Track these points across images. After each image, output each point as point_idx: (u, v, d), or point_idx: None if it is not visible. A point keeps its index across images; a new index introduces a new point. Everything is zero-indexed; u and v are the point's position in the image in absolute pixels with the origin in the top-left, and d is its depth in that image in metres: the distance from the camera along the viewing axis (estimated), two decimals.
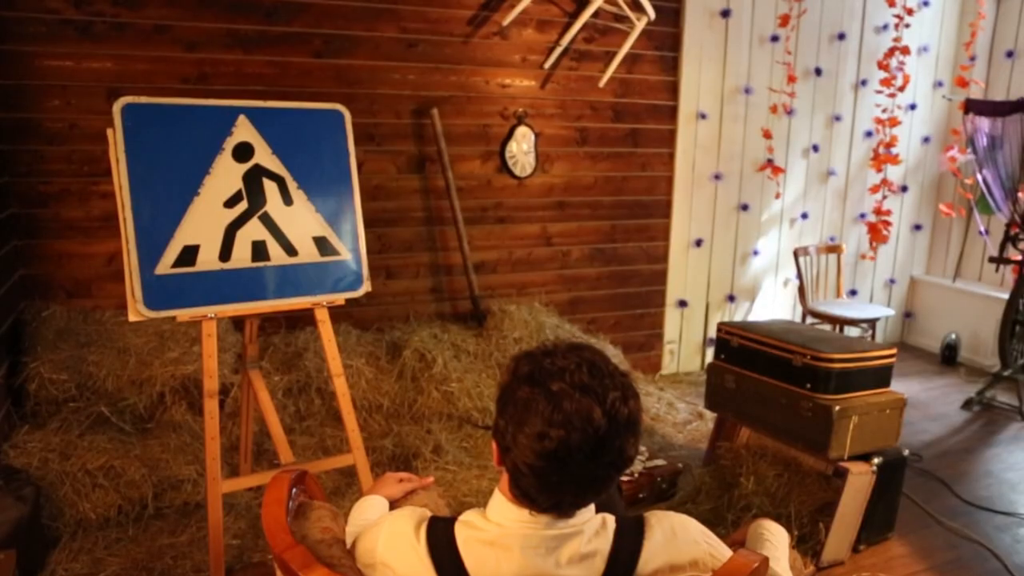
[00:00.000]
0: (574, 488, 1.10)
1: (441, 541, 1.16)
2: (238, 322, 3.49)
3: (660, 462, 3.34)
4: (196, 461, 3.09)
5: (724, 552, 1.19)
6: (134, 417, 3.24)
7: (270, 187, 2.56)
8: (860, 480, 2.79)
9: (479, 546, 1.15)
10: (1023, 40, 5.17)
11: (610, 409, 1.07)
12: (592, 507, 1.18)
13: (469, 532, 1.17)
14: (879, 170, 5.26)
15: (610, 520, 1.17)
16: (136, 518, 2.95)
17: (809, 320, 4.76)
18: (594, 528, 1.16)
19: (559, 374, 1.08)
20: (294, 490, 1.32)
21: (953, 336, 5.39)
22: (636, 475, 3.20)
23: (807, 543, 2.85)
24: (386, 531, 1.21)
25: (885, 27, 5.15)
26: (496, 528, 1.16)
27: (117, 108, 2.37)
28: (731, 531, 2.92)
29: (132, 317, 2.36)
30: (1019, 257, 4.63)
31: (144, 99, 2.42)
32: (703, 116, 4.72)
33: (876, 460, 2.83)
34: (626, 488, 3.12)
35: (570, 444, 1.05)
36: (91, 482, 2.89)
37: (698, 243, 4.90)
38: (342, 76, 3.84)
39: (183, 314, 2.41)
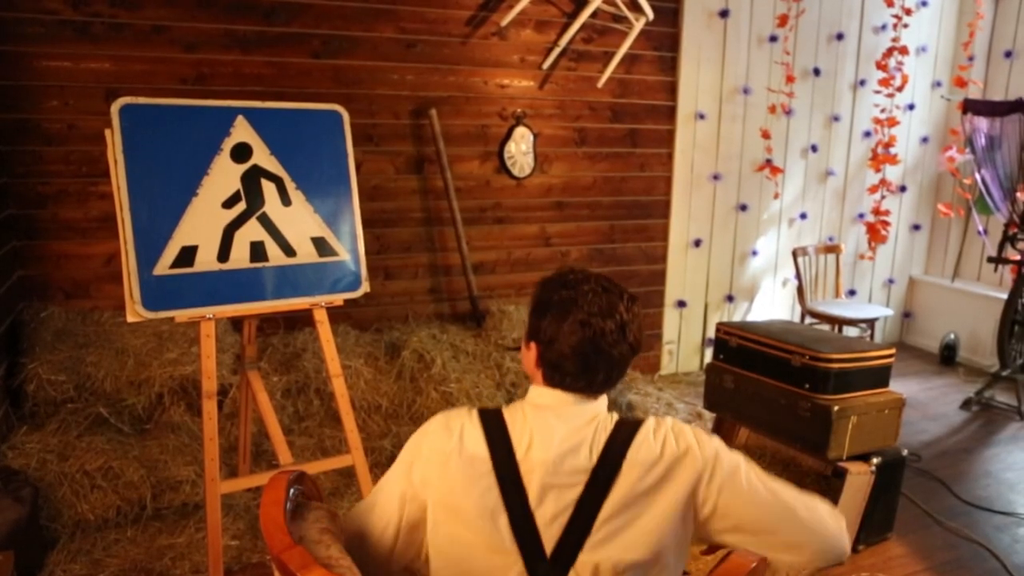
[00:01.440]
0: (606, 367, 1.40)
1: (491, 417, 1.42)
2: (237, 323, 3.49)
3: None
4: (195, 462, 3.09)
5: (711, 447, 1.40)
6: (132, 418, 3.24)
7: (268, 188, 2.56)
8: (859, 480, 2.79)
9: (521, 419, 1.41)
10: (1021, 40, 5.18)
11: (627, 304, 1.41)
12: (605, 400, 1.45)
13: (514, 412, 1.43)
14: (878, 170, 5.26)
15: (615, 416, 1.45)
16: (135, 519, 2.94)
17: (808, 320, 4.77)
18: (606, 416, 1.43)
19: (585, 282, 1.41)
20: (292, 491, 1.32)
21: (952, 336, 5.40)
22: None
23: None
24: (434, 423, 1.44)
25: (884, 27, 5.15)
26: (536, 404, 1.43)
27: (115, 109, 2.37)
28: None
29: (130, 318, 2.36)
30: (1017, 257, 4.63)
31: (142, 100, 2.42)
32: (702, 116, 4.72)
33: (875, 460, 2.83)
34: None
35: (605, 329, 1.37)
36: (89, 483, 2.89)
37: (697, 243, 4.91)
38: (340, 76, 3.84)
39: (181, 315, 2.41)
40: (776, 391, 2.98)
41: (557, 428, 1.38)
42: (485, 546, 1.35)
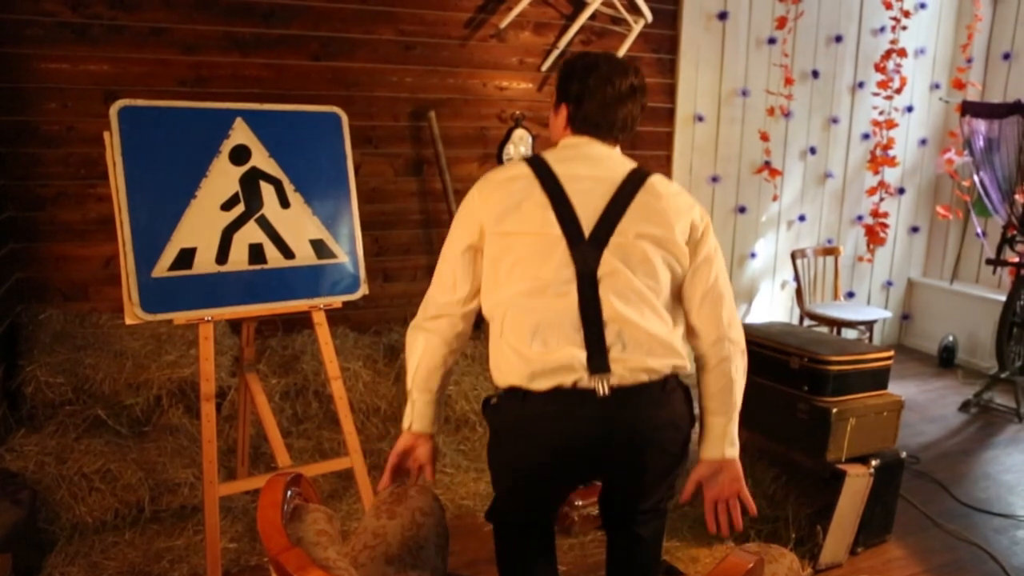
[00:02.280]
0: (623, 116, 1.79)
1: (535, 158, 1.78)
2: (235, 325, 3.49)
3: None
4: (193, 464, 3.09)
5: (707, 218, 1.81)
6: (131, 420, 3.24)
7: (267, 190, 2.57)
8: (858, 482, 2.80)
9: (554, 155, 1.79)
10: (1020, 42, 5.19)
11: (635, 69, 1.81)
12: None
13: (547, 153, 1.80)
14: (876, 172, 5.27)
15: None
16: (133, 522, 2.94)
17: (807, 322, 4.77)
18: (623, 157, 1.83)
19: (602, 54, 1.83)
20: (289, 493, 1.32)
21: (950, 338, 5.40)
22: None
23: (805, 546, 2.85)
24: (477, 186, 1.81)
25: (882, 29, 5.16)
26: (567, 144, 1.82)
27: (114, 111, 2.37)
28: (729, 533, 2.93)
29: (129, 320, 2.36)
30: (1016, 259, 4.64)
31: (141, 102, 2.43)
32: (700, 118, 4.73)
33: (874, 462, 2.83)
34: None
35: (622, 85, 1.78)
36: (87, 485, 2.89)
37: None
38: (339, 79, 3.84)
39: (180, 317, 2.41)
40: (775, 393, 2.98)
41: (588, 156, 1.79)
42: (535, 226, 1.69)
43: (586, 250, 1.66)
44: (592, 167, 1.75)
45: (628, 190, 1.72)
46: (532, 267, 1.68)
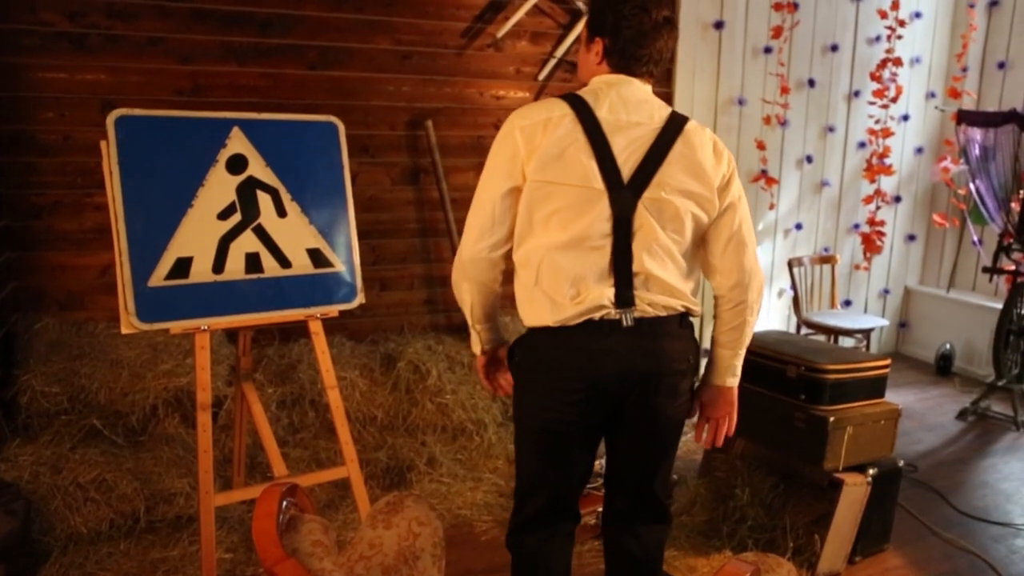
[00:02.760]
0: (658, 50, 1.81)
1: (569, 95, 1.79)
2: (232, 334, 3.49)
3: None
4: (189, 474, 3.08)
5: (733, 163, 1.88)
6: (126, 430, 3.23)
7: (264, 199, 2.57)
8: (855, 491, 2.80)
9: (593, 95, 1.79)
10: (1014, 51, 5.21)
11: (661, 2, 1.79)
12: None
13: (585, 93, 1.80)
14: (872, 181, 5.28)
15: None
16: (128, 532, 2.93)
17: (804, 331, 4.77)
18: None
19: None
20: (284, 503, 1.32)
21: (948, 346, 5.41)
22: None
23: (803, 555, 2.85)
24: (513, 122, 1.79)
25: (878, 39, 5.19)
26: (606, 82, 1.82)
27: (110, 120, 2.37)
28: (727, 543, 2.94)
29: (125, 329, 2.36)
30: (1012, 267, 4.65)
31: (138, 111, 2.43)
32: None
33: (871, 471, 2.83)
34: None
35: (658, 16, 1.77)
36: (83, 496, 2.88)
37: None
38: (336, 88, 3.85)
39: (176, 326, 2.41)
40: (772, 402, 2.98)
41: (628, 98, 1.78)
42: (577, 178, 1.72)
43: (624, 199, 1.73)
44: (633, 111, 1.77)
45: (667, 139, 1.77)
46: (571, 219, 1.73)
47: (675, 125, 1.80)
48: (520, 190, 1.78)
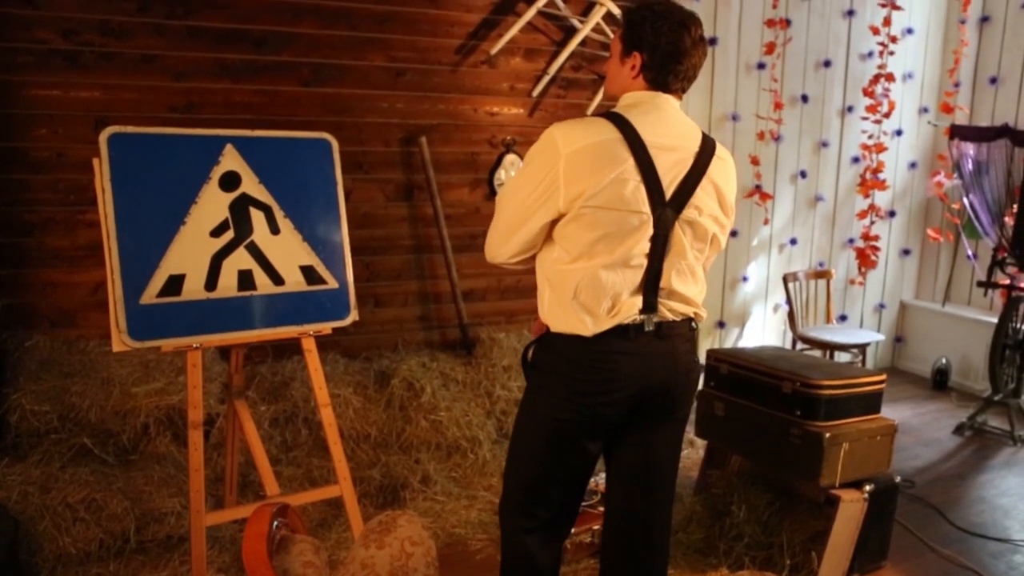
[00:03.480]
0: (693, 68, 1.88)
1: (615, 116, 1.81)
2: (224, 351, 3.47)
3: None
4: (180, 493, 3.06)
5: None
6: (117, 449, 3.21)
7: (257, 216, 2.57)
8: (852, 508, 2.79)
9: (637, 115, 1.82)
10: (1006, 67, 5.26)
11: (699, 18, 1.90)
12: None
13: (628, 111, 1.84)
14: (867, 195, 5.31)
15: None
16: (118, 552, 2.90)
17: (799, 346, 4.78)
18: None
19: (665, 2, 1.88)
20: (276, 523, 1.31)
21: (943, 361, 5.42)
22: None
23: (800, 572, 2.84)
24: (555, 137, 1.80)
25: (870, 54, 5.23)
26: (647, 103, 1.87)
27: (103, 138, 2.38)
28: (723, 560, 2.92)
29: (116, 347, 2.35)
30: (1007, 281, 4.67)
31: (131, 129, 2.43)
32: None
33: (868, 487, 2.83)
34: None
35: (695, 34, 1.86)
36: (72, 516, 2.85)
37: None
38: (330, 105, 3.87)
39: (168, 344, 2.41)
40: (767, 418, 2.98)
41: (667, 117, 1.85)
42: (628, 203, 1.78)
43: (666, 217, 1.83)
44: (673, 132, 1.85)
45: (703, 163, 1.86)
46: (617, 243, 1.81)
47: (709, 149, 1.89)
48: (562, 216, 1.82)
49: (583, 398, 1.88)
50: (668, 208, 1.82)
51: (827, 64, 5.13)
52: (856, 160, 5.37)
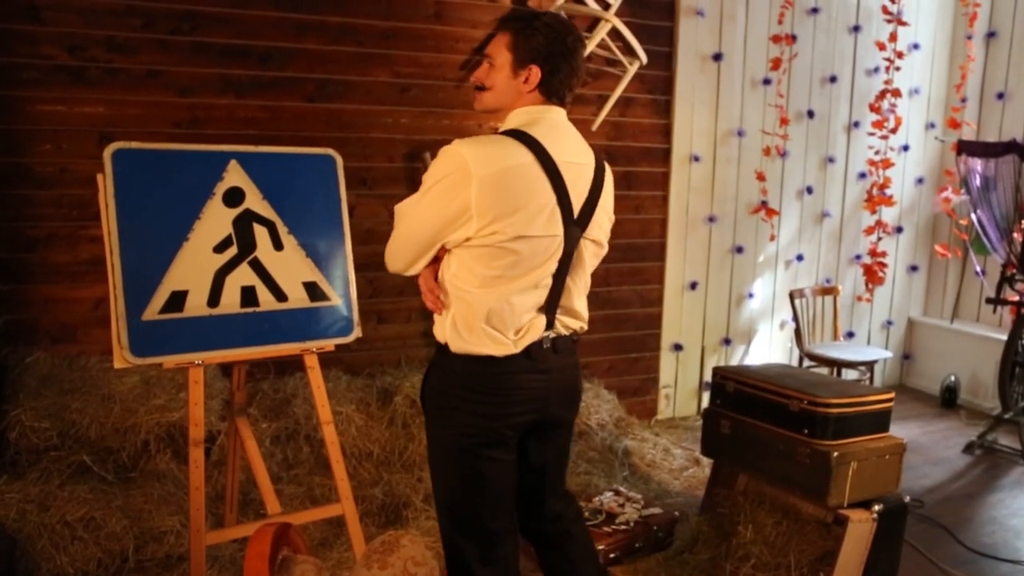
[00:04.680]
0: (578, 80, 1.90)
1: (521, 135, 1.79)
2: (226, 368, 3.48)
3: (656, 510, 3.31)
4: (180, 512, 3.05)
5: None
6: (117, 466, 3.21)
7: (260, 232, 2.58)
8: (860, 528, 2.77)
9: (542, 132, 1.80)
10: (1013, 82, 5.28)
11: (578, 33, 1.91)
12: None
13: (531, 128, 1.81)
14: (873, 211, 5.31)
15: None
16: (116, 572, 2.89)
17: (806, 363, 4.77)
18: None
19: (551, 14, 1.88)
20: (278, 543, 1.31)
21: (952, 378, 5.40)
22: (631, 524, 3.16)
23: None
24: (462, 157, 1.75)
25: (876, 70, 5.25)
26: (545, 119, 1.86)
27: (107, 153, 2.39)
28: None
29: (118, 364, 2.35)
30: (1016, 298, 4.66)
31: (135, 144, 2.45)
32: (696, 159, 4.78)
33: (876, 507, 2.81)
34: (621, 538, 3.09)
35: (582, 45, 1.87)
36: (70, 534, 2.84)
37: (693, 286, 4.93)
38: (334, 120, 3.89)
39: (170, 360, 2.41)
40: (774, 437, 2.97)
41: (566, 132, 1.87)
42: (543, 229, 1.78)
43: (574, 235, 1.86)
44: (575, 148, 1.88)
45: (599, 180, 1.92)
46: (531, 267, 1.81)
47: (601, 166, 1.95)
48: (467, 239, 1.77)
49: (488, 420, 1.87)
50: (576, 226, 1.84)
51: (833, 80, 5.15)
52: (863, 176, 5.38)
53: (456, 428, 1.90)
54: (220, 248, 2.51)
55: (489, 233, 1.73)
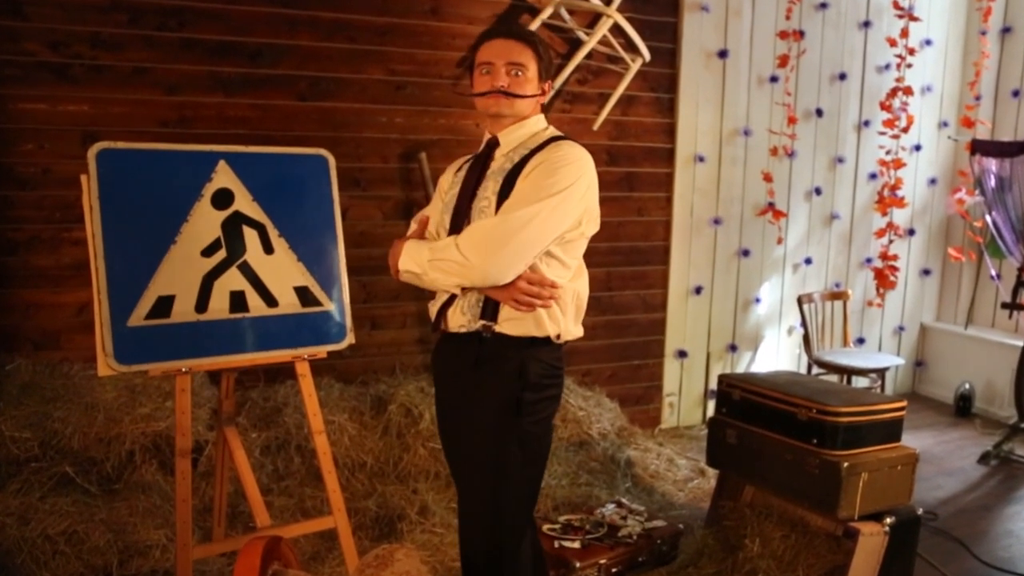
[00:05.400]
0: None
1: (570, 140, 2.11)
2: (214, 376, 3.48)
3: (660, 523, 3.31)
4: (166, 525, 3.05)
5: None
6: (101, 477, 3.21)
7: (250, 235, 2.58)
8: (872, 541, 2.77)
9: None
10: None
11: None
12: None
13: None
14: (884, 213, 5.32)
15: None
16: None
17: (815, 370, 4.77)
18: None
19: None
20: (268, 557, 1.31)
21: (967, 386, 5.40)
22: (634, 537, 3.16)
23: None
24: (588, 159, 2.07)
25: (887, 67, 5.27)
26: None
27: (92, 153, 2.39)
28: None
29: (102, 371, 2.35)
30: None
31: (120, 144, 2.45)
32: (701, 159, 4.79)
33: (888, 520, 2.81)
34: (624, 552, 3.09)
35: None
36: (52, 549, 2.83)
37: (697, 290, 4.93)
38: (327, 119, 3.90)
39: (156, 368, 2.41)
40: (782, 447, 2.97)
41: None
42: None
43: None
44: None
45: None
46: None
47: None
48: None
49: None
50: None
51: (842, 77, 5.17)
52: (873, 176, 5.39)
53: (551, 412, 2.15)
54: (208, 252, 2.51)
55: (592, 229, 2.08)
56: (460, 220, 2.07)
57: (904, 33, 5.13)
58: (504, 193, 1.99)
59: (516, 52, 2.03)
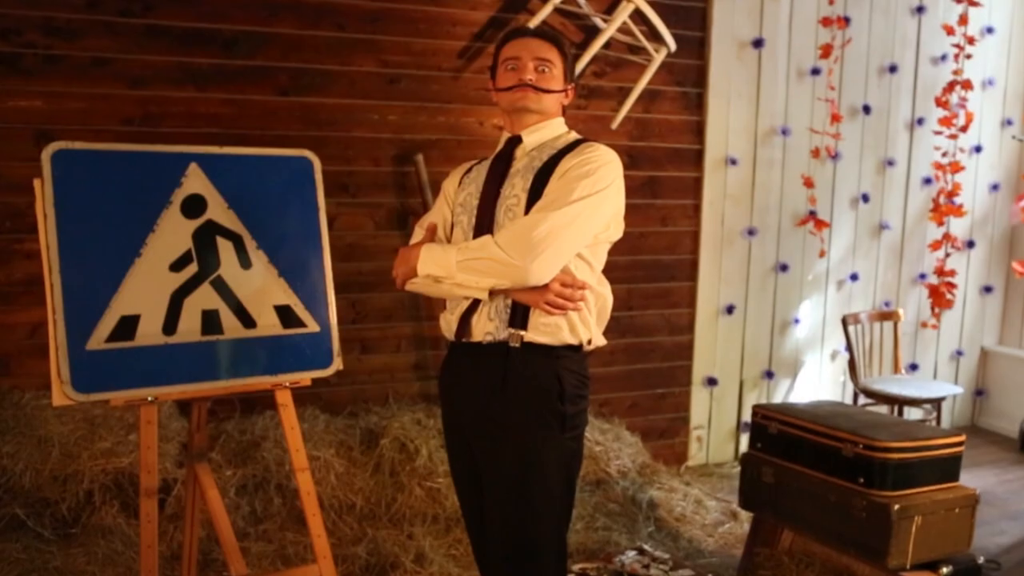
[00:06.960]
0: None
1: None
2: (184, 406, 3.49)
3: (687, 572, 3.30)
4: (129, 573, 3.06)
5: None
6: (55, 521, 3.22)
7: (225, 247, 2.59)
8: None
9: None
10: None
11: None
12: None
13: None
14: (940, 223, 5.33)
15: None
16: None
17: (861, 400, 4.76)
18: None
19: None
20: None
21: None
22: None
23: None
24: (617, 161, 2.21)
25: (943, 58, 5.28)
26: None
27: (46, 155, 2.41)
28: None
29: (57, 401, 2.36)
30: None
31: (78, 144, 2.46)
32: (733, 162, 4.81)
33: (945, 569, 2.81)
34: None
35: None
36: None
37: (729, 310, 4.94)
38: (311, 117, 3.92)
39: (118, 397, 2.41)
40: (824, 486, 2.97)
41: None
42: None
43: None
44: None
45: None
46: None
47: None
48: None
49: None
50: None
51: (893, 69, 5.19)
52: (928, 181, 5.39)
53: (584, 427, 2.21)
54: (178, 266, 2.52)
55: (611, 228, 2.18)
56: (485, 220, 2.15)
57: (963, 20, 5.15)
58: (535, 191, 2.08)
59: (544, 49, 2.21)
